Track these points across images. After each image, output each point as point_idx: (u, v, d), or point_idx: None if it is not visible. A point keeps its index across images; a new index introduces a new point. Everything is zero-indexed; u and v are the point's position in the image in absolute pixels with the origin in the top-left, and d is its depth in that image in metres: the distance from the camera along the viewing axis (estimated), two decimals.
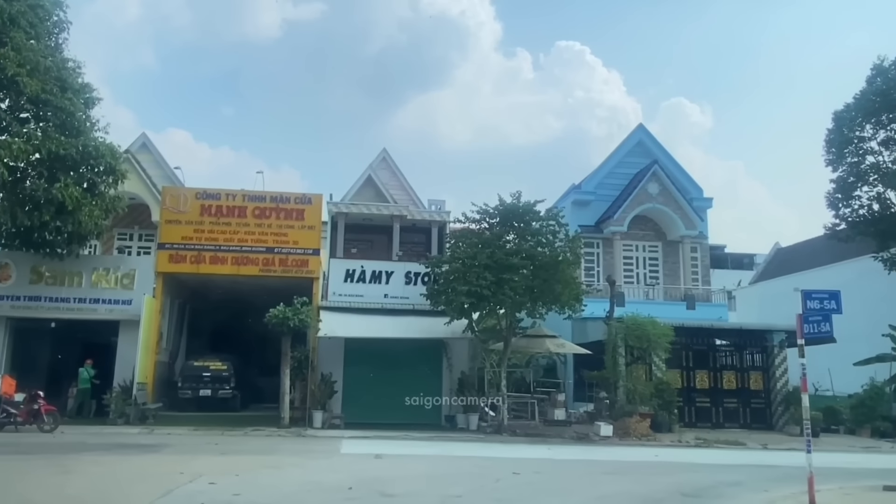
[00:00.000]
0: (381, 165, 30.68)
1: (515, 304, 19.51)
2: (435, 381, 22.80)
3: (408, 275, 23.56)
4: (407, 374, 22.59)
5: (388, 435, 18.96)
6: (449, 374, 22.57)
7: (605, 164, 30.43)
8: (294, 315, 19.87)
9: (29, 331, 22.24)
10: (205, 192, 23.19)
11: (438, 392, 22.63)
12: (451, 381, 22.43)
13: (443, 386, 22.66)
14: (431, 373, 22.88)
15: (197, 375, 22.88)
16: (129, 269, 22.27)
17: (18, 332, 22.01)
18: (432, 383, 22.75)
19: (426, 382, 22.73)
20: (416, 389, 22.47)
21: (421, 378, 22.72)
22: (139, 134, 29.72)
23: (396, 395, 22.15)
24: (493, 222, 20.79)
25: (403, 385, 22.38)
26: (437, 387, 22.71)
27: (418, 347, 22.44)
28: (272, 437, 18.33)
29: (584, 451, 17.45)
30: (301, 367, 21.18)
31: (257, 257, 22.83)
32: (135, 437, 16.70)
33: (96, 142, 20.00)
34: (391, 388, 22.21)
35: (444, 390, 22.58)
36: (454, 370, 22.51)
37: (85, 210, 19.57)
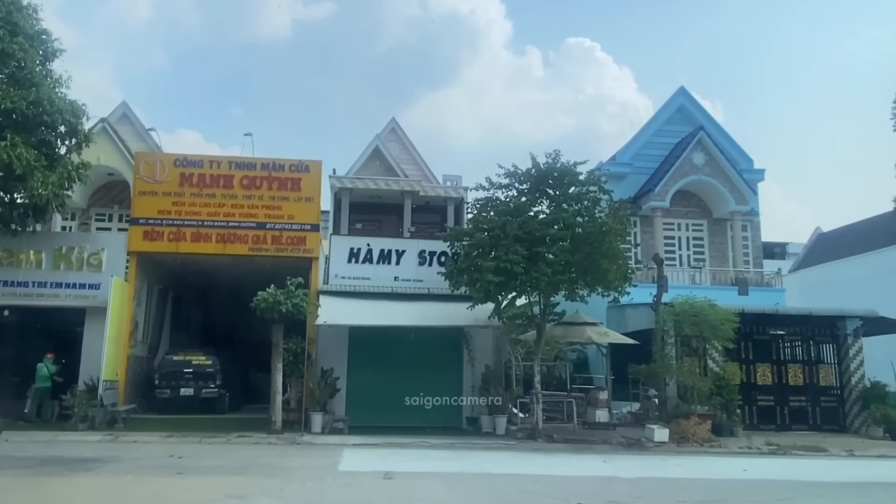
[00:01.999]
0: (390, 137, 27.38)
1: (552, 284, 16.16)
2: (454, 376, 19.54)
3: (422, 254, 20.28)
4: (421, 369, 19.34)
5: (400, 442, 15.72)
6: (471, 369, 19.28)
7: (642, 133, 26.99)
8: (287, 299, 16.62)
9: None
10: (184, 158, 19.98)
11: (458, 390, 19.39)
12: (474, 378, 19.14)
13: (463, 383, 19.39)
14: (450, 367, 19.61)
15: (177, 372, 19.71)
16: (96, 249, 19.06)
17: None
18: (451, 380, 19.50)
19: (444, 379, 19.50)
20: (431, 387, 19.27)
21: (438, 373, 19.48)
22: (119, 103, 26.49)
23: (409, 394, 18.98)
24: (522, 188, 17.44)
25: (417, 382, 19.17)
26: (457, 384, 19.46)
27: (435, 338, 19.20)
28: (259, 445, 15.10)
29: (647, 462, 14.11)
30: (297, 361, 17.94)
31: (246, 234, 19.61)
32: (86, 448, 13.49)
33: (52, 95, 16.79)
34: (403, 386, 19.02)
35: (464, 388, 19.33)
36: (476, 364, 19.22)
37: (38, 176, 16.36)
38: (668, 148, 26.42)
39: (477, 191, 17.58)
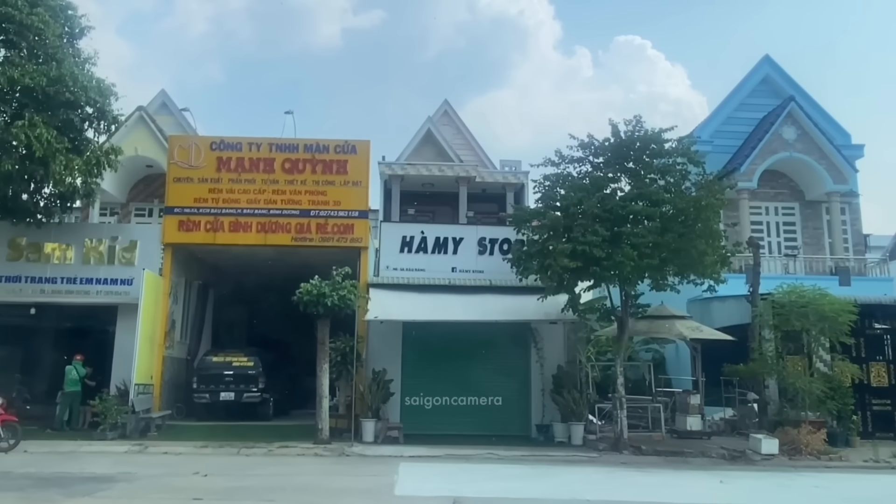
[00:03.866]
0: (443, 121, 25.37)
1: (637, 270, 13.81)
2: (520, 378, 17.39)
3: (482, 241, 18.13)
4: (484, 370, 17.29)
5: (464, 454, 13.61)
6: (540, 370, 17.05)
7: (722, 108, 24.25)
8: (333, 291, 14.70)
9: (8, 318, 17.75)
10: (221, 140, 18.27)
11: (526, 393, 17.25)
12: (544, 380, 16.91)
13: (532, 385, 17.19)
14: (516, 368, 17.46)
15: (216, 374, 18.00)
16: (129, 241, 17.51)
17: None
18: (517, 382, 17.39)
19: (509, 381, 17.42)
20: (495, 390, 17.29)
21: (502, 375, 17.39)
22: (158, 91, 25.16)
23: (470, 398, 17.11)
24: (598, 161, 15.15)
25: (479, 385, 17.21)
26: (525, 386, 17.31)
27: (498, 335, 17.12)
28: (303, 457, 13.20)
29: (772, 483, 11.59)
30: (346, 361, 16.02)
31: (289, 223, 17.81)
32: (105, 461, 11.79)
33: (76, 72, 15.28)
34: (463, 389, 17.11)
35: (533, 391, 17.14)
36: (546, 364, 16.98)
37: (60, 160, 14.85)
38: (753, 123, 23.63)
39: (545, 166, 15.34)
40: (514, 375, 17.43)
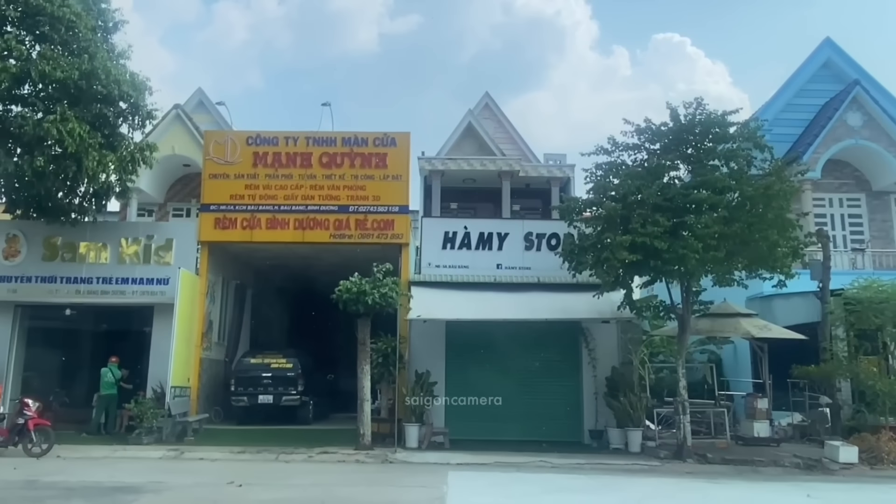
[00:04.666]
0: (484, 114, 24.45)
1: (702, 263, 12.73)
2: (571, 381, 16.45)
3: (528, 237, 17.22)
4: (532, 372, 16.44)
5: (514, 461, 12.72)
6: (592, 372, 16.07)
7: (780, 95, 22.84)
8: (374, 289, 13.95)
9: (44, 321, 17.45)
10: (257, 135, 17.72)
11: (577, 396, 16.30)
12: (596, 382, 15.92)
13: (583, 388, 16.22)
14: (566, 370, 16.54)
15: (254, 377, 17.39)
16: (164, 239, 17.02)
17: (32, 323, 17.21)
18: (568, 384, 16.45)
19: (559, 383, 16.51)
20: (544, 393, 16.37)
21: (552, 377, 16.50)
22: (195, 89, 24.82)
23: (518, 402, 16.09)
24: (654, 148, 14.11)
25: (527, 387, 16.32)
26: (576, 389, 16.36)
27: (547, 335, 16.19)
28: (344, 464, 12.46)
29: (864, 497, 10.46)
30: (387, 363, 15.28)
31: (327, 219, 17.16)
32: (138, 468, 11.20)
33: (109, 65, 14.82)
34: (510, 392, 16.15)
35: (585, 394, 16.15)
36: (599, 366, 15.99)
37: (93, 155, 14.39)
38: (814, 110, 22.21)
39: (597, 154, 14.34)
40: (564, 378, 16.49)
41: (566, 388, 16.40)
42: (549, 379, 16.45)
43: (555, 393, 16.37)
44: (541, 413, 16.12)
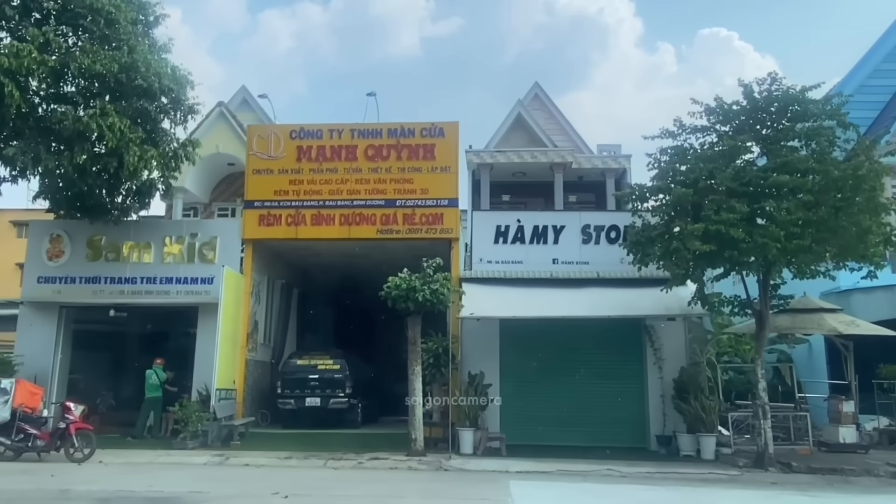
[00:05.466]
0: (534, 104, 23.47)
1: (784, 253, 11.58)
2: (635, 382, 15.38)
3: (586, 229, 16.22)
4: (592, 372, 15.44)
5: (579, 470, 11.77)
6: (658, 373, 14.98)
7: (853, 75, 21.33)
8: (424, 285, 13.16)
9: (89, 322, 17.16)
10: (301, 129, 17.13)
11: (641, 399, 15.23)
12: (663, 384, 14.84)
13: (648, 390, 15.14)
14: (629, 371, 15.47)
15: (301, 379, 16.79)
16: (209, 237, 16.56)
17: (76, 324, 16.93)
18: (631, 386, 15.39)
19: (622, 385, 15.48)
20: (606, 395, 15.38)
21: (613, 379, 15.49)
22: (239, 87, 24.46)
23: (577, 405, 15.20)
24: (725, 130, 12.98)
25: (587, 389, 15.35)
26: (640, 392, 15.29)
27: (608, 333, 15.17)
28: (397, 471, 11.69)
29: None
30: (439, 364, 14.49)
31: (374, 214, 16.47)
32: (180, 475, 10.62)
33: (149, 58, 14.37)
34: (569, 394, 15.28)
35: (650, 397, 15.07)
36: (666, 367, 14.90)
37: (134, 150, 13.94)
38: (890, 92, 20.69)
39: (662, 138, 13.29)
40: (627, 379, 15.44)
41: (629, 391, 15.34)
42: (611, 381, 15.43)
43: (617, 396, 15.33)
44: (602, 417, 15.12)
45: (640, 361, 15.40)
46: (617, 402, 15.28)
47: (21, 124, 13.41)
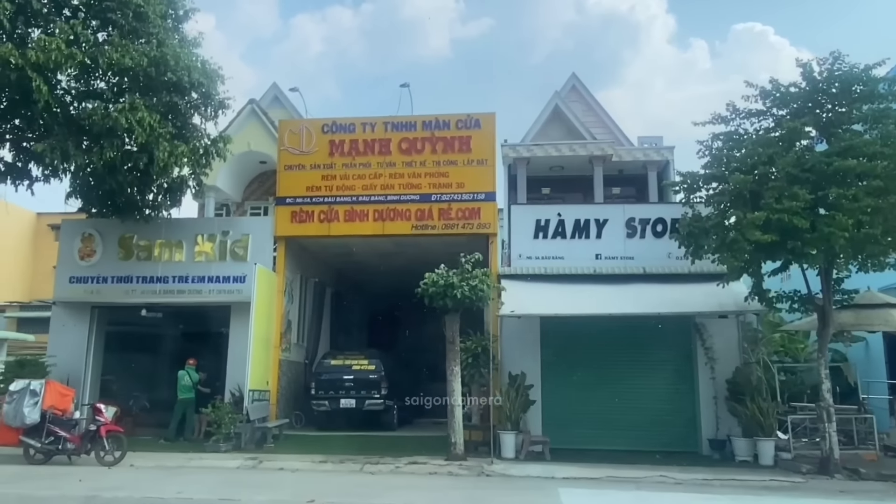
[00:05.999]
0: (572, 96, 22.73)
1: (853, 244, 10.74)
2: (685, 383, 14.64)
3: (630, 223, 15.48)
4: (638, 373, 14.73)
5: (630, 476, 11.06)
6: (710, 373, 14.19)
7: None
8: (462, 281, 12.58)
9: (121, 322, 16.93)
10: (333, 122, 16.68)
11: (692, 401, 14.47)
12: (715, 385, 14.05)
13: (699, 391, 14.35)
14: (677, 371, 14.75)
15: (335, 380, 16.31)
16: (241, 234, 16.20)
17: (108, 324, 16.69)
18: (681, 387, 14.66)
19: (671, 386, 14.77)
20: (654, 397, 14.67)
21: (661, 379, 14.81)
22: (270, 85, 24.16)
23: (624, 407, 14.47)
24: (782, 114, 12.16)
25: (634, 390, 14.63)
26: (690, 393, 14.53)
27: (655, 331, 14.45)
28: (436, 476, 11.12)
29: None
30: (478, 364, 13.90)
31: (408, 209, 15.94)
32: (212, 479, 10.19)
33: (179, 52, 14.03)
34: (614, 396, 14.56)
35: (701, 398, 14.28)
36: (718, 366, 14.10)
37: (164, 146, 13.61)
38: None
39: (714, 124, 12.52)
40: (676, 380, 14.71)
41: (679, 392, 14.59)
42: (659, 381, 14.71)
43: (666, 397, 14.60)
44: (650, 419, 14.37)
45: (689, 361, 14.64)
46: (665, 404, 14.54)
47: (50, 120, 13.15)
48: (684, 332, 14.62)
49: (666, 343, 14.76)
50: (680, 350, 14.70)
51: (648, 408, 14.47)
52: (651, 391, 14.62)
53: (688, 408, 14.46)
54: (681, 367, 14.66)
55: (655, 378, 14.71)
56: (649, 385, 14.66)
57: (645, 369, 14.72)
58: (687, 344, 14.66)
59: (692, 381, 14.49)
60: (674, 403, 14.53)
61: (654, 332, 14.43)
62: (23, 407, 11.33)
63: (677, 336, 14.66)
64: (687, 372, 14.59)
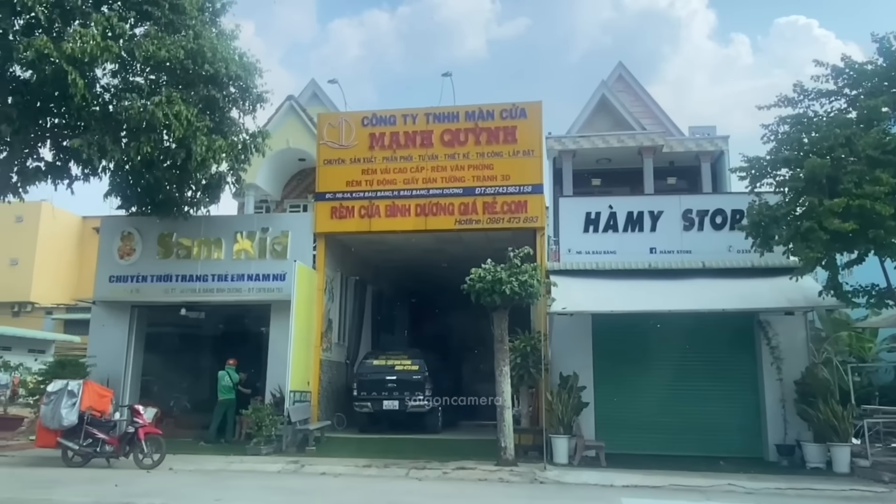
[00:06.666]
0: (619, 86, 21.87)
1: None
2: (748, 385, 13.78)
3: (687, 215, 14.62)
4: (697, 373, 13.93)
5: (697, 485, 10.28)
6: (776, 374, 13.27)
7: None
8: (511, 276, 11.92)
9: (160, 322, 16.70)
10: (373, 115, 16.18)
11: (756, 404, 13.60)
12: (783, 387, 13.13)
13: (764, 393, 13.45)
14: (740, 371, 13.87)
15: (378, 380, 15.77)
16: (280, 231, 15.82)
17: (148, 324, 16.47)
18: (743, 389, 13.82)
19: (732, 387, 13.91)
20: (714, 399, 13.84)
21: (722, 380, 13.93)
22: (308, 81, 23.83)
23: (681, 409, 13.68)
24: (855, 94, 11.23)
25: (692, 392, 13.86)
26: (754, 395, 13.68)
27: (715, 329, 13.67)
28: (486, 483, 10.48)
29: None
30: (526, 364, 13.23)
31: (451, 203, 15.33)
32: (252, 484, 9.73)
33: (215, 42, 13.68)
34: (671, 398, 13.80)
35: (766, 401, 13.37)
36: (785, 367, 13.18)
37: (201, 140, 13.26)
38: None
39: (780, 106, 11.66)
40: (737, 381, 13.83)
41: (741, 394, 13.74)
42: (719, 382, 13.84)
43: (727, 399, 13.73)
44: (710, 423, 13.54)
45: (752, 361, 13.75)
46: (726, 407, 13.69)
47: (87, 116, 12.88)
48: (746, 330, 13.75)
49: (726, 342, 13.92)
50: (742, 349, 13.81)
51: (707, 410, 13.65)
52: (710, 392, 13.78)
53: (751, 411, 13.59)
54: (743, 368, 13.78)
55: (715, 379, 13.84)
56: (708, 386, 13.82)
57: (703, 369, 13.89)
58: (750, 343, 13.78)
59: (756, 383, 13.61)
60: (735, 406, 13.68)
61: (714, 330, 13.61)
62: (60, 408, 11.06)
63: (739, 334, 13.80)
64: (750, 372, 13.71)
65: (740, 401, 13.67)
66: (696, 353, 13.95)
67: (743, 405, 13.65)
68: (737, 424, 13.56)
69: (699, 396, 13.75)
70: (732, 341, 13.89)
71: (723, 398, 13.74)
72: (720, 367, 13.92)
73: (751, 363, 13.75)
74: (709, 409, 13.66)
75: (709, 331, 13.63)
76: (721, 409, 13.66)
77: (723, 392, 13.79)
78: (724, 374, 13.89)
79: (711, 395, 13.76)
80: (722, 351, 13.97)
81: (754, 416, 13.53)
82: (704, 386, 13.82)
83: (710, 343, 13.88)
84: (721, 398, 13.74)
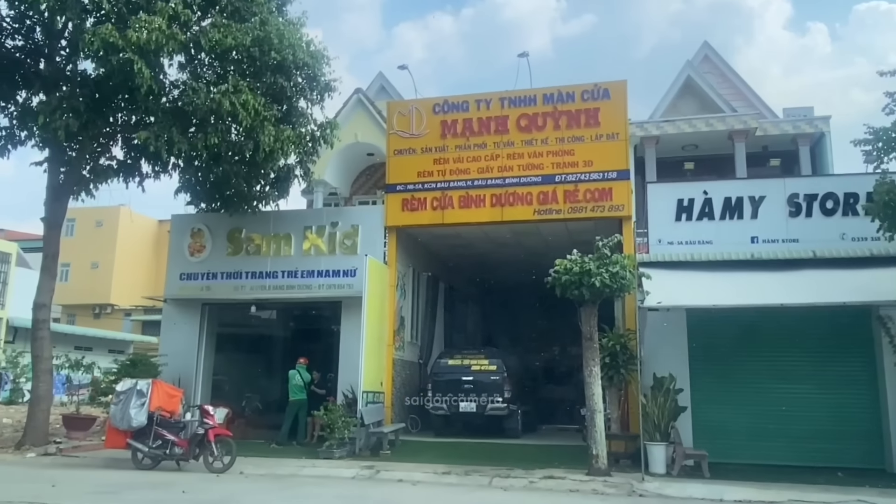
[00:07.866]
0: (705, 67, 20.39)
1: None
2: (865, 386, 12.34)
3: (793, 200, 13.21)
4: (805, 374, 12.51)
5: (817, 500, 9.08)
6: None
7: None
8: (601, 268, 10.88)
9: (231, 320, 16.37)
10: (445, 101, 15.40)
11: (875, 408, 12.17)
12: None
13: (886, 397, 11.96)
14: (855, 372, 12.40)
15: (453, 381, 14.95)
16: (350, 225, 15.22)
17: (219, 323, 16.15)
18: (860, 392, 12.34)
19: (846, 390, 12.47)
20: (827, 403, 12.44)
21: (834, 382, 12.46)
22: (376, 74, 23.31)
23: (791, 415, 12.33)
24: None
25: (802, 395, 12.48)
26: (872, 399, 12.23)
27: (825, 326, 12.26)
28: (580, 494, 9.49)
29: None
30: (616, 364, 12.15)
31: (529, 192, 14.40)
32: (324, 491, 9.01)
33: (281, 28, 13.16)
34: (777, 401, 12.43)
35: (889, 406, 11.88)
36: None
37: (269, 130, 12.76)
38: None
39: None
40: (853, 383, 12.40)
41: (858, 397, 12.28)
42: (832, 384, 12.39)
43: (841, 403, 12.28)
44: (821, 430, 12.15)
45: (871, 361, 12.29)
46: (840, 412, 12.23)
47: (154, 109, 12.57)
48: (863, 326, 12.29)
49: (839, 339, 12.47)
50: (858, 347, 12.35)
51: (819, 416, 12.25)
52: (821, 396, 12.36)
53: (870, 416, 12.11)
54: (859, 368, 12.34)
55: (827, 380, 12.41)
56: (819, 389, 12.40)
57: (813, 370, 12.48)
58: (868, 340, 12.31)
59: (875, 385, 12.14)
60: (852, 411, 12.22)
61: (824, 326, 12.20)
62: (129, 408, 10.67)
63: (854, 331, 12.35)
64: (867, 374, 12.26)
65: (857, 405, 12.21)
66: (804, 352, 12.55)
67: (860, 410, 12.17)
68: (854, 431, 12.09)
69: (809, 400, 12.35)
70: (847, 339, 12.44)
71: (836, 402, 12.30)
72: (832, 367, 12.48)
73: (869, 363, 12.28)
74: (820, 414, 12.25)
75: (819, 327, 12.22)
76: (834, 414, 12.22)
77: (836, 395, 12.34)
78: (838, 375, 12.45)
79: (823, 398, 12.34)
80: (834, 349, 12.53)
81: (874, 421, 12.04)
82: (814, 388, 12.42)
83: (821, 341, 12.48)
84: (834, 402, 12.30)
